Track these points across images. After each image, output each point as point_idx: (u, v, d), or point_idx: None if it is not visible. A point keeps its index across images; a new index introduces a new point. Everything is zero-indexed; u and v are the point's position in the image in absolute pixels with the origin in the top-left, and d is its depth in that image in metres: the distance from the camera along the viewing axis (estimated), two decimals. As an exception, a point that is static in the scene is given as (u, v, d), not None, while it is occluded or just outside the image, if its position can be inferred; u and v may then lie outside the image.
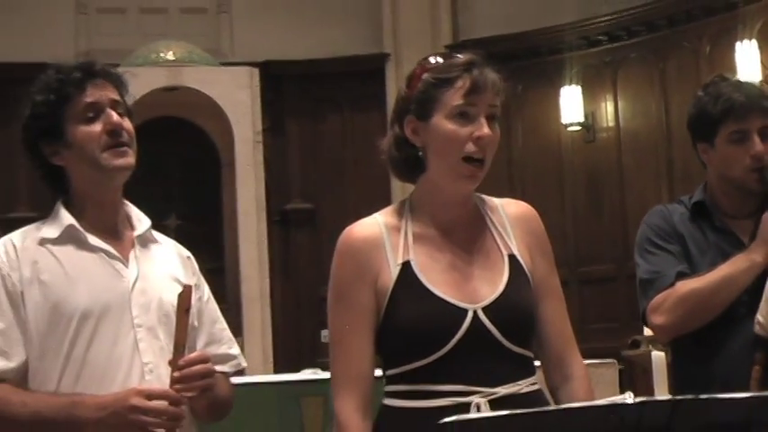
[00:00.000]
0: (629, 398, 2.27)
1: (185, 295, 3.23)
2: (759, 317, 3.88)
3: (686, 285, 4.01)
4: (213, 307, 3.59)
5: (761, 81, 11.72)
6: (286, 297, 14.79)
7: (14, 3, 14.90)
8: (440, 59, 3.22)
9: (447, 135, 3.12)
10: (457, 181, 3.16)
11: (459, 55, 3.21)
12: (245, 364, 3.70)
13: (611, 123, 14.58)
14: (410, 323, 3.07)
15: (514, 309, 3.12)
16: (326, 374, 6.74)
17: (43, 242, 3.33)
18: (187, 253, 3.61)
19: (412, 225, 3.19)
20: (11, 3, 14.89)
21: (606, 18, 14.52)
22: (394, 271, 3.12)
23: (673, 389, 5.75)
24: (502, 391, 3.05)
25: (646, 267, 4.15)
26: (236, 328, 13.53)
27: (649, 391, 8.65)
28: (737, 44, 12.50)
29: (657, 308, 4.04)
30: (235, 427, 5.86)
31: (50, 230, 3.36)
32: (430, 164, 3.19)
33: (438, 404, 3.01)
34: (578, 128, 14.50)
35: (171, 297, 3.31)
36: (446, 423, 2.27)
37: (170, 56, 14.22)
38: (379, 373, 3.23)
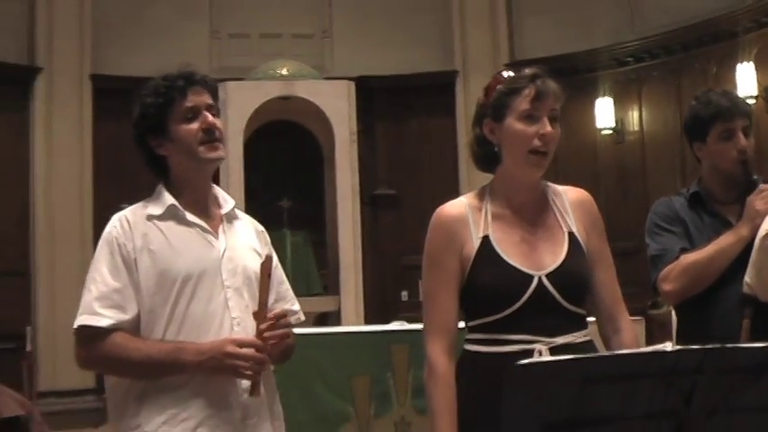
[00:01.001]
0: (668, 346, 2.29)
1: (267, 263, 3.30)
2: (747, 278, 3.95)
3: (688, 258, 4.10)
4: (280, 271, 3.59)
5: (757, 96, 12.13)
6: (374, 265, 14.79)
7: (160, 28, 15.15)
8: (510, 73, 3.30)
9: (517, 133, 3.21)
10: (526, 169, 3.24)
11: (526, 69, 3.28)
12: (303, 318, 3.70)
13: (637, 128, 14.68)
14: (488, 285, 3.14)
15: (572, 276, 3.18)
16: (412, 326, 6.78)
17: (150, 218, 3.37)
18: (261, 228, 3.64)
19: (491, 206, 3.25)
20: (158, 29, 15.15)
21: (633, 43, 14.62)
22: (476, 243, 3.19)
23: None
24: (560, 340, 3.11)
25: (654, 246, 4.25)
26: (335, 289, 13.66)
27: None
28: (738, 65, 12.68)
29: (666, 277, 4.11)
30: (336, 367, 5.91)
31: (155, 208, 3.40)
32: (504, 157, 3.26)
33: (508, 350, 3.08)
34: (610, 131, 14.66)
35: (252, 264, 3.36)
36: (517, 365, 2.29)
37: (284, 72, 14.29)
38: (461, 324, 3.29)
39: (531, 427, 2.29)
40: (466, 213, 3.25)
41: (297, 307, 3.60)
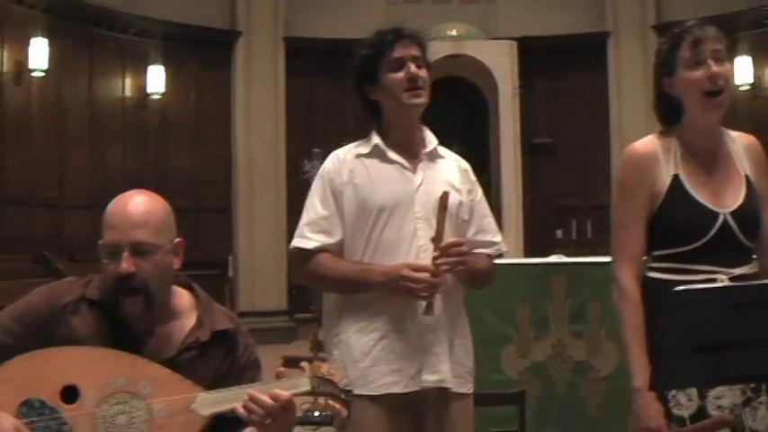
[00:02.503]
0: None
1: (444, 198, 3.27)
2: None
3: None
4: (483, 205, 3.58)
5: None
6: (533, 205, 14.79)
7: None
8: (674, 30, 3.20)
9: (687, 81, 3.11)
10: (705, 113, 3.15)
11: (686, 23, 3.21)
12: (505, 249, 3.68)
13: (773, 84, 14.20)
14: (679, 220, 3.08)
15: (750, 215, 3.11)
16: (568, 260, 6.71)
17: (358, 156, 3.42)
18: (466, 165, 3.60)
19: (679, 147, 3.16)
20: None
21: (770, 7, 14.10)
22: (666, 180, 3.11)
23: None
24: (737, 271, 3.04)
25: None
26: (498, 226, 13.63)
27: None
28: None
29: None
30: (502, 295, 5.90)
31: (364, 148, 3.45)
32: (686, 106, 3.16)
33: (692, 278, 3.01)
34: (748, 87, 14.22)
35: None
36: (676, 290, 2.26)
37: (453, 33, 14.31)
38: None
39: (683, 348, 2.25)
40: (657, 152, 3.16)
41: (498, 239, 3.60)
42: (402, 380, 3.28)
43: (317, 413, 8.36)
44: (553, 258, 7.05)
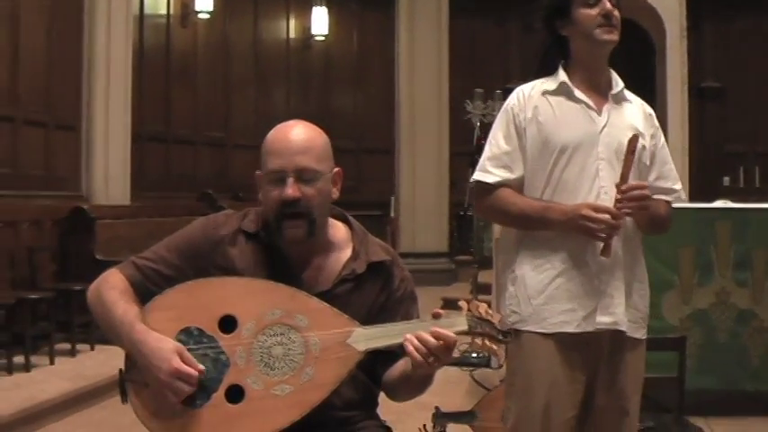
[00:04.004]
0: None
1: (633, 140, 3.21)
2: None
3: None
4: (665, 152, 3.49)
5: None
6: (699, 151, 14.41)
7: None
8: None
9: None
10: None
11: None
12: (684, 198, 3.57)
13: None
14: None
15: None
16: (735, 205, 6.55)
17: (544, 93, 3.36)
18: (650, 110, 3.51)
19: None
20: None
21: None
22: None
23: None
24: None
25: None
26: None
27: None
28: None
29: None
30: (665, 238, 5.78)
31: (550, 84, 3.38)
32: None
33: None
34: None
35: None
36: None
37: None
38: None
39: None
40: None
41: (678, 186, 3.49)
42: (575, 319, 3.24)
43: (474, 354, 8.38)
44: (718, 203, 6.86)
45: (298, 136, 2.68)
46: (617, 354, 3.30)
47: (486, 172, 3.35)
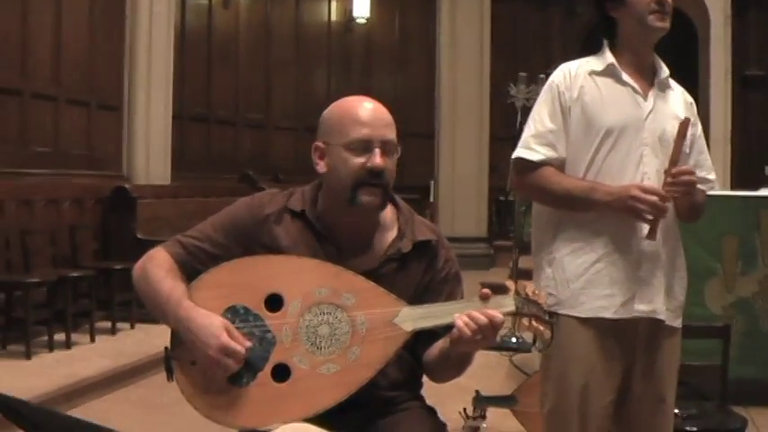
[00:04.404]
0: None
1: (684, 125, 3.18)
2: None
3: None
4: (702, 141, 3.47)
5: None
6: (742, 139, 14.27)
7: None
8: None
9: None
10: None
11: None
12: (716, 187, 3.54)
13: None
14: None
15: None
16: (777, 194, 6.51)
17: (591, 73, 3.32)
18: (690, 99, 3.48)
19: None
20: None
21: None
22: None
23: None
24: None
25: None
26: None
27: None
28: None
29: None
30: (709, 226, 5.74)
31: (597, 64, 3.34)
32: None
33: None
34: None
35: (671, 129, 3.24)
36: None
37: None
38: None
39: None
40: None
41: (712, 176, 3.46)
42: (612, 305, 3.21)
43: (513, 339, 8.33)
44: (763, 192, 6.80)
45: (381, 109, 2.74)
46: (654, 341, 3.28)
47: (530, 149, 3.30)
